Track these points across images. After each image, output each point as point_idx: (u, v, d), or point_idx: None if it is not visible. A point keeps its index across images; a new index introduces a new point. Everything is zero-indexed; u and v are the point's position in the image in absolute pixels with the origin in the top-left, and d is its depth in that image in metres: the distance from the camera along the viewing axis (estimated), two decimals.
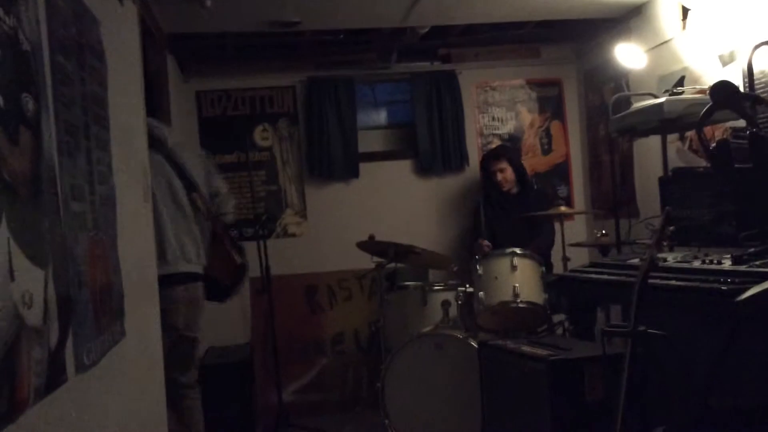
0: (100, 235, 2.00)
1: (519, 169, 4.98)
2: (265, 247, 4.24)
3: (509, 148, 5.27)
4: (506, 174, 4.89)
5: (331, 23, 4.61)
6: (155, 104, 3.95)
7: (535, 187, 5.22)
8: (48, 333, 1.46)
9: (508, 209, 4.86)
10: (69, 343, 1.62)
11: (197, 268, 3.43)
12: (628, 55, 4.35)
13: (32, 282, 1.39)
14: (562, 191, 5.56)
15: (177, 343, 3.33)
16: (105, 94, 2.26)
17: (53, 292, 1.50)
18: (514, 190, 4.95)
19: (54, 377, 1.49)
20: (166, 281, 3.12)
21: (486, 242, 4.63)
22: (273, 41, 5.02)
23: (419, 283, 4.43)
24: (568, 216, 4.83)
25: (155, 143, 3.33)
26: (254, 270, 4.23)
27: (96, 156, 2.02)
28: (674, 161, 4.09)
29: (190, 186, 3.45)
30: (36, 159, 1.46)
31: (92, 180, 1.95)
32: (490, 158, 5.03)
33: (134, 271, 2.61)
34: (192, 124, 5.19)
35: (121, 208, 2.37)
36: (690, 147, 4.06)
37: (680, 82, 3.68)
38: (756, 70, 3.30)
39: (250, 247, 4.28)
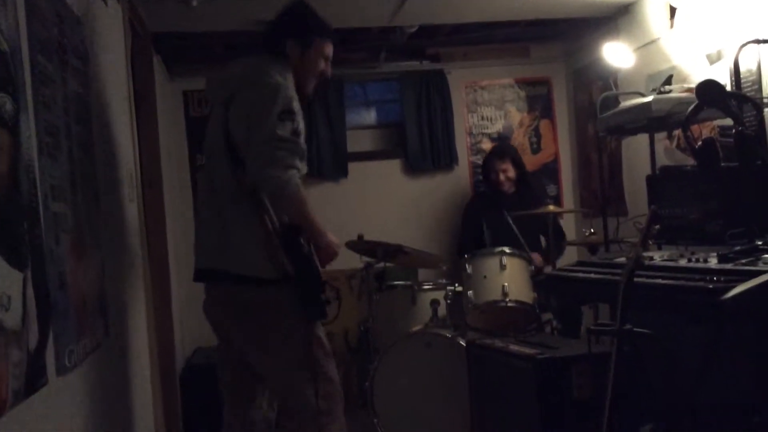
0: (82, 235, 1.98)
1: (520, 169, 4.93)
2: None
3: (512, 148, 5.14)
4: (508, 174, 4.84)
5: None
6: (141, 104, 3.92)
7: (531, 185, 5.12)
8: (27, 335, 1.45)
9: (502, 207, 4.77)
10: (50, 345, 1.60)
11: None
12: (616, 54, 4.35)
13: (10, 284, 1.37)
14: (551, 190, 5.56)
15: None
16: (88, 94, 2.24)
17: (32, 294, 1.48)
18: (511, 190, 4.92)
19: (34, 379, 1.48)
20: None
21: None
22: (260, 40, 4.98)
23: (408, 282, 4.41)
24: (557, 215, 4.82)
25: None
26: None
27: (78, 156, 2.00)
28: (662, 159, 4.09)
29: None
30: (14, 159, 1.45)
31: (74, 180, 1.93)
32: (495, 158, 4.92)
33: (119, 271, 2.60)
34: (179, 124, 5.16)
35: (105, 208, 2.36)
36: (678, 145, 4.07)
37: (668, 80, 3.69)
38: (743, 68, 3.31)
39: None
